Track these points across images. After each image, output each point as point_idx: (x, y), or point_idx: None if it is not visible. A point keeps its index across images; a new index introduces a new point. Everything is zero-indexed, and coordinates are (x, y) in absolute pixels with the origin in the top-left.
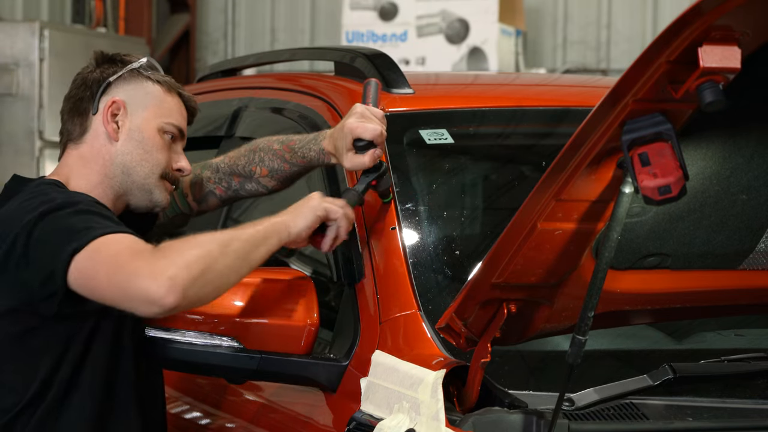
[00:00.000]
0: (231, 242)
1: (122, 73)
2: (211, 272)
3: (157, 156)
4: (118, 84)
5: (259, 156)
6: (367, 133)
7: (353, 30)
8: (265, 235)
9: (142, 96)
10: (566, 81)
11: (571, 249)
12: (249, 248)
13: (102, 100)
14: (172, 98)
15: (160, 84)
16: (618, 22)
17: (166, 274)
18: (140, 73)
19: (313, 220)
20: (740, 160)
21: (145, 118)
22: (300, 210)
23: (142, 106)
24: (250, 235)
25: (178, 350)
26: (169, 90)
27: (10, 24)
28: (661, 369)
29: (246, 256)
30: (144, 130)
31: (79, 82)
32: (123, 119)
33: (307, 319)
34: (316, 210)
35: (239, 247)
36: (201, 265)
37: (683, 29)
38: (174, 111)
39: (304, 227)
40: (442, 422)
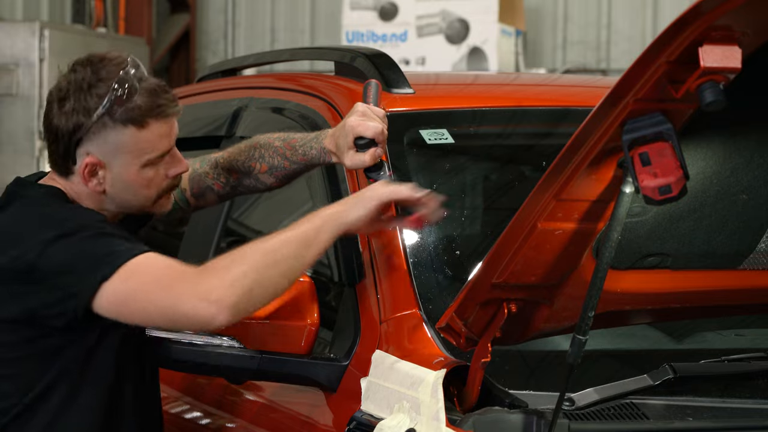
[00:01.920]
0: (278, 250)
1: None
2: (258, 286)
3: (145, 192)
4: (88, 137)
5: (259, 152)
6: (368, 131)
7: (353, 30)
8: (318, 230)
9: (114, 146)
10: (566, 81)
11: (571, 249)
12: (301, 250)
13: (77, 152)
14: (147, 130)
15: (131, 123)
16: (618, 22)
17: (213, 296)
18: (107, 122)
19: (373, 210)
20: (740, 160)
21: (124, 164)
22: (356, 199)
23: (118, 155)
24: (301, 235)
25: (178, 350)
26: (142, 124)
27: (10, 24)
28: (661, 369)
29: (296, 260)
30: (125, 176)
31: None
32: (102, 173)
33: (307, 319)
34: (373, 199)
35: (287, 253)
36: (248, 281)
37: (683, 29)
38: (153, 142)
39: (360, 216)
40: (443, 422)
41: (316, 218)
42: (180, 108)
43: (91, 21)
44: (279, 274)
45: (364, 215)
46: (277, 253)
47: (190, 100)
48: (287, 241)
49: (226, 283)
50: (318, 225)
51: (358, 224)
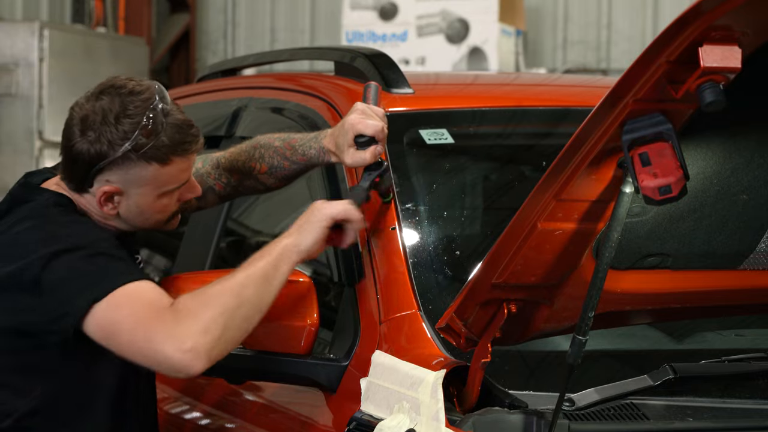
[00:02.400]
0: (245, 288)
1: (112, 158)
2: (230, 329)
3: (158, 216)
4: (109, 168)
5: (260, 152)
6: (368, 129)
7: (353, 30)
8: (276, 265)
9: (134, 179)
10: (566, 81)
11: (571, 249)
12: (263, 287)
13: (96, 178)
14: (170, 167)
15: (155, 160)
16: (618, 22)
17: (187, 344)
18: (131, 157)
19: (321, 234)
20: (740, 160)
21: (142, 194)
22: (304, 227)
23: (137, 186)
24: (261, 272)
25: None
26: (166, 161)
27: (10, 24)
28: (662, 369)
29: (262, 296)
30: (141, 204)
31: (71, 141)
32: (119, 200)
33: (307, 319)
34: (321, 222)
35: (254, 290)
36: (220, 325)
37: (683, 29)
38: (174, 175)
39: (313, 243)
40: (442, 422)
41: (273, 253)
42: (202, 143)
43: (90, 21)
44: (246, 314)
45: (317, 239)
46: (242, 294)
47: (190, 100)
48: (249, 280)
49: (200, 329)
50: (275, 260)
51: (312, 250)
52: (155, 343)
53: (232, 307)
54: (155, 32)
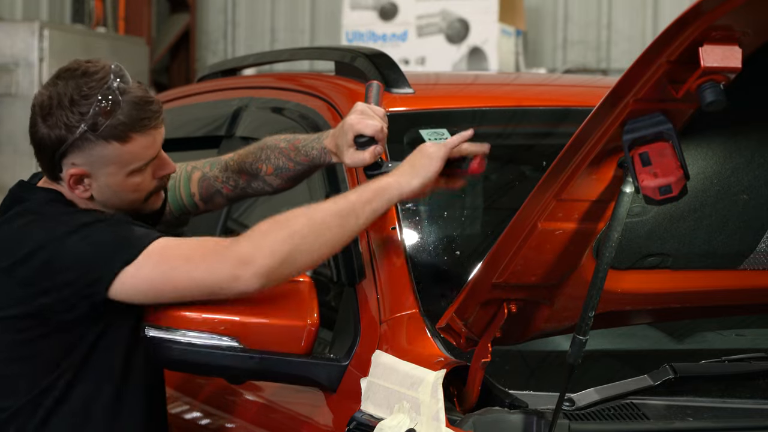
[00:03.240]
0: (326, 217)
1: (72, 141)
2: (297, 253)
3: (134, 196)
4: (71, 150)
5: (266, 154)
6: (368, 129)
7: (353, 30)
8: (369, 200)
9: (99, 159)
10: (566, 81)
11: (571, 249)
12: (348, 220)
13: (62, 163)
14: (131, 144)
15: (114, 138)
16: (618, 22)
17: (250, 262)
18: (90, 138)
19: (434, 175)
20: (741, 160)
21: (110, 174)
22: (417, 164)
23: (102, 166)
24: (349, 205)
25: (178, 350)
26: (125, 139)
27: (10, 24)
28: (662, 369)
29: (342, 229)
30: (112, 184)
31: (34, 128)
32: (88, 182)
33: (307, 319)
34: (440, 156)
35: (335, 221)
36: (286, 248)
37: (683, 29)
38: (138, 153)
39: (424, 183)
40: (442, 422)
41: (367, 190)
42: (162, 117)
43: (90, 21)
44: (321, 243)
45: (426, 181)
46: (324, 221)
47: (190, 100)
48: (333, 210)
49: (266, 249)
50: (370, 195)
51: (421, 189)
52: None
53: (306, 234)
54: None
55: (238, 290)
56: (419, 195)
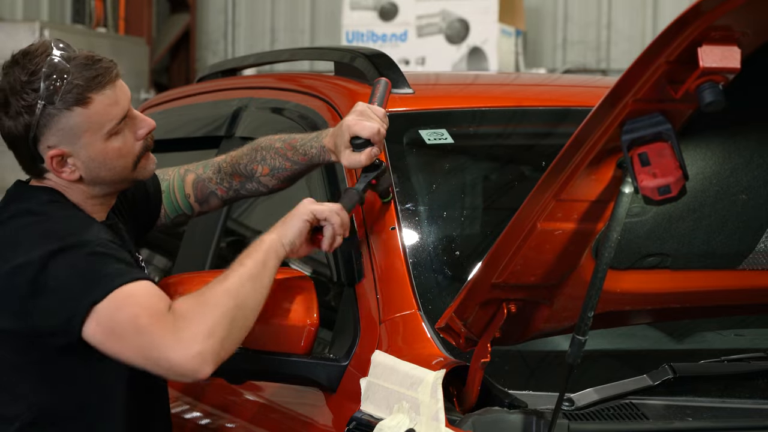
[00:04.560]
0: (240, 287)
1: (36, 121)
2: (233, 329)
3: (121, 162)
4: (41, 132)
5: (261, 155)
6: (364, 131)
7: (353, 30)
8: (264, 260)
9: (70, 131)
10: (566, 81)
11: (571, 249)
12: (256, 284)
13: (39, 150)
14: (94, 105)
15: (74, 104)
16: (618, 22)
17: (194, 349)
18: (52, 112)
19: (302, 227)
20: (740, 160)
21: (88, 144)
22: (287, 221)
23: (76, 138)
24: (252, 270)
25: None
26: (85, 101)
27: (10, 24)
28: (661, 369)
29: (256, 294)
30: (95, 155)
31: (3, 132)
32: (72, 161)
33: (307, 319)
34: (302, 216)
35: (248, 289)
36: (224, 327)
37: (683, 29)
38: (105, 113)
39: (296, 236)
40: (442, 422)
41: (260, 250)
42: (117, 71)
43: (91, 21)
44: (245, 313)
45: (299, 233)
46: (239, 294)
47: (190, 100)
48: (242, 279)
49: (205, 333)
50: (263, 257)
51: (295, 243)
52: (161, 350)
53: (231, 307)
54: (155, 32)
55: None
56: (297, 252)
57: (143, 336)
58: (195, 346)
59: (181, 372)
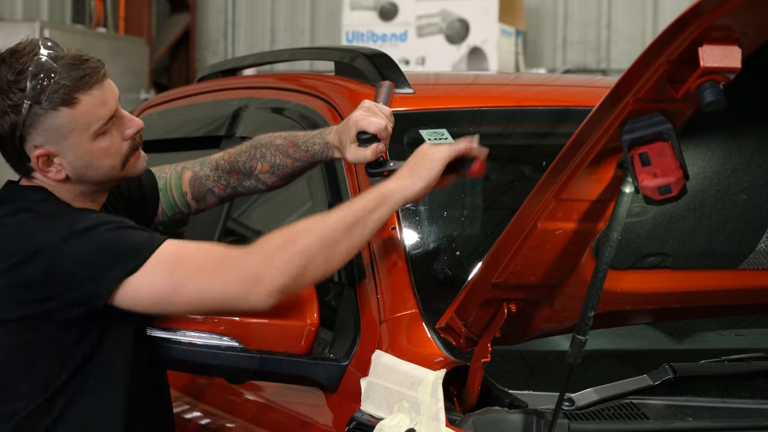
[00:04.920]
0: (333, 231)
1: (22, 121)
2: (311, 267)
3: (108, 162)
4: (27, 132)
5: (261, 152)
6: (371, 126)
7: (353, 30)
8: (375, 208)
9: (56, 131)
10: (566, 81)
11: (571, 249)
12: (353, 231)
13: (25, 149)
14: (81, 105)
15: (61, 104)
16: (618, 22)
17: (265, 280)
18: (38, 112)
19: (436, 177)
20: (740, 160)
21: (74, 145)
22: (418, 170)
23: (63, 138)
24: (354, 215)
25: (178, 350)
26: (72, 102)
27: (10, 24)
28: (661, 369)
29: (350, 241)
30: (81, 154)
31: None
32: (58, 161)
33: (307, 319)
34: (437, 165)
35: (341, 235)
36: (301, 262)
37: (683, 29)
38: (92, 113)
39: (426, 186)
40: (442, 422)
41: (370, 198)
42: (104, 70)
43: (91, 21)
44: (330, 257)
45: (429, 183)
46: (333, 235)
47: (190, 100)
48: (340, 221)
49: (278, 264)
50: (374, 202)
51: (424, 193)
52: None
53: (317, 247)
54: (155, 32)
55: (249, 306)
56: (420, 198)
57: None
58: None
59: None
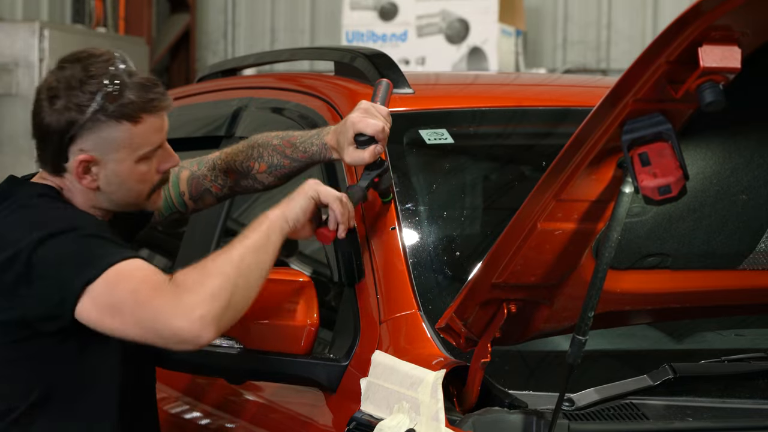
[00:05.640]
0: (243, 258)
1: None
2: (235, 296)
3: (139, 187)
4: (81, 134)
5: (258, 152)
6: (368, 128)
7: (353, 30)
8: (268, 234)
9: (109, 142)
10: (566, 81)
11: (571, 249)
12: (259, 256)
13: (70, 150)
14: (142, 125)
15: (125, 118)
16: (618, 22)
17: (196, 313)
18: (100, 119)
19: (307, 203)
20: (740, 160)
21: (119, 160)
22: (292, 197)
23: (112, 151)
24: (255, 242)
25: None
26: (136, 119)
27: (10, 24)
28: (661, 369)
29: (259, 266)
30: (120, 172)
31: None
32: (96, 170)
33: (307, 319)
34: (308, 192)
35: (251, 259)
36: (226, 294)
37: (683, 29)
38: (147, 136)
39: (300, 212)
40: (442, 422)
41: (263, 225)
42: (171, 101)
43: (91, 21)
44: (247, 282)
45: (303, 210)
46: (243, 263)
47: (190, 100)
48: (246, 250)
49: (207, 298)
50: (266, 230)
51: (299, 221)
52: (162, 317)
53: (233, 275)
54: (155, 32)
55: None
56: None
57: (143, 307)
58: (197, 310)
59: (182, 337)
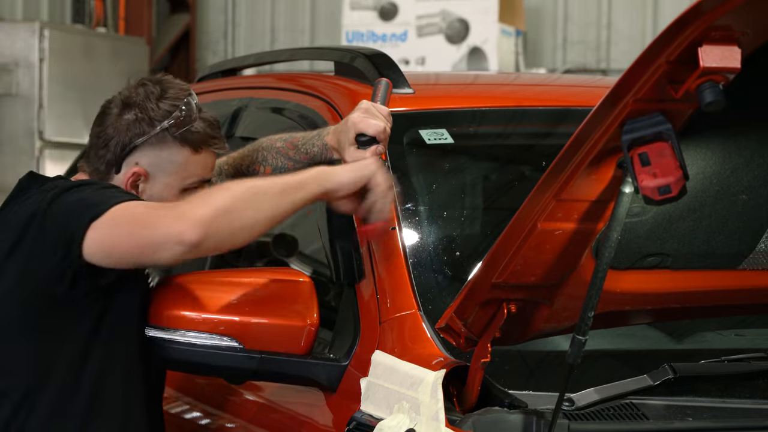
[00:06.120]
0: (260, 188)
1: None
2: (236, 210)
3: None
4: (143, 147)
5: (262, 155)
6: (369, 128)
7: (353, 30)
8: (304, 180)
9: (166, 163)
10: (566, 81)
11: (571, 249)
12: (278, 196)
13: (126, 160)
14: (199, 156)
15: (189, 144)
16: (618, 22)
17: (189, 215)
18: (167, 137)
19: (359, 178)
20: (740, 160)
21: (168, 185)
22: (352, 166)
23: (165, 173)
24: (282, 183)
25: (178, 350)
26: (198, 149)
27: (10, 24)
28: (661, 369)
29: (273, 203)
30: (165, 194)
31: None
32: (143, 186)
33: (307, 319)
34: (365, 168)
35: (267, 194)
36: (225, 205)
37: (683, 29)
38: (199, 169)
39: (348, 181)
40: (442, 422)
41: (304, 172)
42: (228, 149)
43: (91, 21)
44: (255, 209)
45: (348, 182)
46: (258, 191)
47: None
48: (270, 183)
49: (205, 204)
50: (302, 179)
51: (339, 190)
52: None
53: (242, 195)
54: (155, 32)
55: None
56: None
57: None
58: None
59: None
